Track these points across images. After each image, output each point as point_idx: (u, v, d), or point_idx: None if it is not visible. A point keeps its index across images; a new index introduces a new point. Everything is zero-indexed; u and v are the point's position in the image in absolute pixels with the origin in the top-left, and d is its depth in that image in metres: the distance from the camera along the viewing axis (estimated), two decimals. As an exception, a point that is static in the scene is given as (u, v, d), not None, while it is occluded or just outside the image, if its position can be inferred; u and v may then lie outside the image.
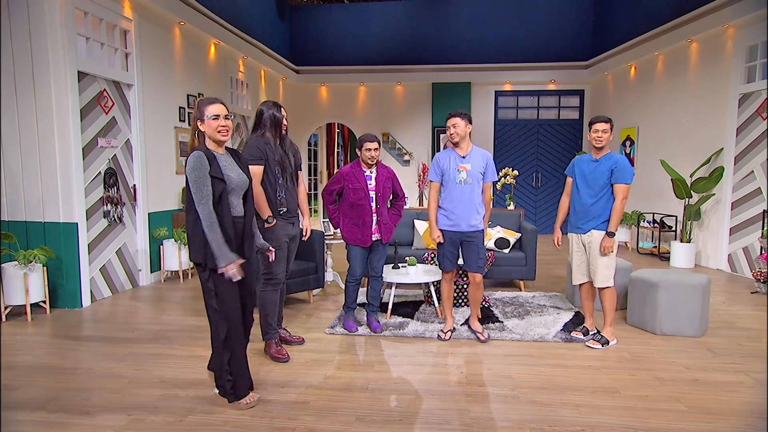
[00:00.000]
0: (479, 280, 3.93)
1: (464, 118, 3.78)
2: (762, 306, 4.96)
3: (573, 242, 3.97)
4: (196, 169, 2.62)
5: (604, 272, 3.76)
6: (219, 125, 2.71)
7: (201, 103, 2.75)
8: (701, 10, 6.52)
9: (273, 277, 3.53)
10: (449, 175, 3.84)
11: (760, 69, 6.05)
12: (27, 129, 4.60)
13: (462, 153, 3.83)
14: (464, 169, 3.81)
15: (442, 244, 3.90)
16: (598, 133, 3.72)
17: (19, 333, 4.09)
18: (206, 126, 2.72)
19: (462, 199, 3.80)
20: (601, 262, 3.76)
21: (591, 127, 3.78)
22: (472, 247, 3.85)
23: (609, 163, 3.73)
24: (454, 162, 3.83)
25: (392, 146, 10.41)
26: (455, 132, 3.77)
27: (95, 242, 5.05)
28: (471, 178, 3.81)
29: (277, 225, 3.46)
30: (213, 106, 2.72)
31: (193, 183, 2.62)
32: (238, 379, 2.85)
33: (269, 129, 3.45)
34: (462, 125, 3.77)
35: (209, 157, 2.67)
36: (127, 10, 5.38)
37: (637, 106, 8.48)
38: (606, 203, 3.75)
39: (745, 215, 6.30)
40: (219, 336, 2.80)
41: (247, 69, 8.49)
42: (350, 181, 3.92)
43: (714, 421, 2.72)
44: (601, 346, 3.78)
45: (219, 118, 2.71)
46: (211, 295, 2.77)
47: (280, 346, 3.60)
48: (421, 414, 2.80)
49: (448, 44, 10.07)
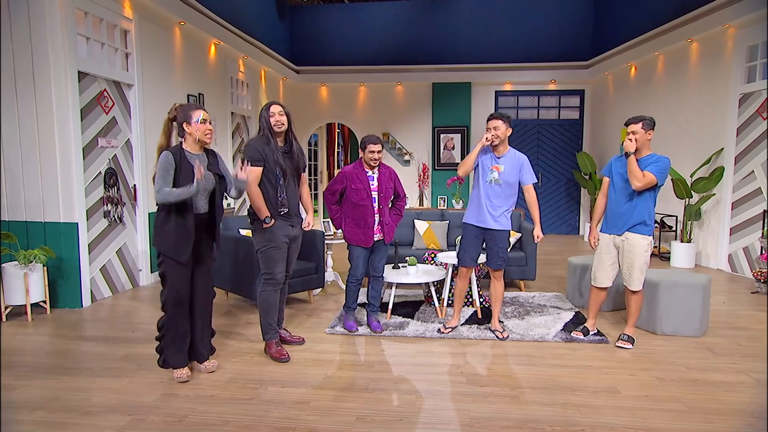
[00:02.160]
0: (499, 276, 4.02)
1: (506, 121, 3.80)
2: (762, 306, 4.96)
3: (603, 243, 3.90)
4: (162, 167, 2.94)
5: (639, 276, 3.73)
6: (206, 129, 3.04)
7: (185, 107, 3.04)
8: (701, 10, 6.52)
9: (272, 277, 3.53)
10: (483, 172, 3.90)
11: (761, 69, 6.05)
12: (27, 129, 4.60)
13: (498, 154, 3.87)
14: (497, 169, 3.85)
15: (465, 239, 3.98)
16: (629, 135, 3.67)
17: (19, 333, 4.10)
18: (194, 129, 3.02)
19: (491, 197, 3.87)
20: (637, 266, 3.71)
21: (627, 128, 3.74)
22: (494, 244, 3.92)
23: (647, 162, 3.65)
24: (489, 161, 3.88)
25: (392, 146, 10.41)
26: (496, 134, 3.78)
27: (95, 242, 5.05)
28: (502, 179, 3.85)
29: (276, 225, 3.45)
30: (199, 111, 3.04)
31: (160, 175, 2.93)
32: (166, 347, 3.17)
33: (267, 130, 3.45)
34: (503, 128, 3.79)
35: (178, 156, 2.97)
36: (127, 10, 5.38)
37: (637, 106, 8.47)
38: (642, 205, 3.68)
39: (746, 215, 6.30)
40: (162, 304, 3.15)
41: (247, 69, 8.49)
42: (353, 181, 3.91)
43: (714, 421, 2.72)
44: (631, 346, 3.79)
45: (206, 122, 3.03)
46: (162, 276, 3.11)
47: (281, 347, 3.60)
48: (421, 414, 2.80)
49: (448, 44, 10.07)
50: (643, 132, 3.64)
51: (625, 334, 3.87)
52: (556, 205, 10.34)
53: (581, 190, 10.19)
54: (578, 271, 4.91)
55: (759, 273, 5.41)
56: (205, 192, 3.10)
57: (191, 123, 3.01)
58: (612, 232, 3.83)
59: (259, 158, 3.38)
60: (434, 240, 5.82)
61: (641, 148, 3.69)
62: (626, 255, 3.76)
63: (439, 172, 10.25)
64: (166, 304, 3.12)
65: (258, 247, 3.53)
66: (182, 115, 3.03)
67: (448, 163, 10.23)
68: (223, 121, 7.69)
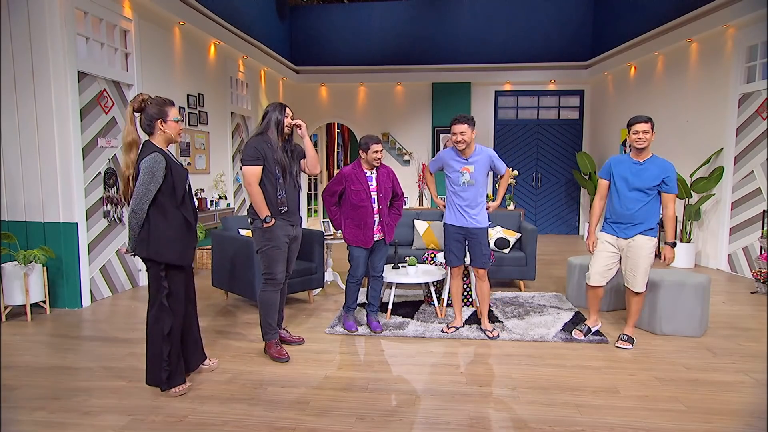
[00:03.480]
0: (482, 275, 4.00)
1: (471, 124, 3.78)
2: (762, 306, 4.96)
3: (604, 242, 3.82)
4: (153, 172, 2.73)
5: (644, 277, 3.70)
6: (180, 128, 2.93)
7: (160, 103, 2.86)
8: (701, 10, 6.52)
9: (273, 277, 3.53)
10: (453, 177, 3.91)
11: (760, 69, 6.05)
12: (27, 129, 4.59)
13: (466, 156, 3.87)
14: (467, 170, 3.84)
15: (448, 241, 4.02)
16: (638, 134, 3.57)
17: (19, 333, 4.09)
18: (169, 127, 2.86)
19: (466, 199, 3.89)
20: (642, 268, 3.67)
21: (630, 128, 3.62)
22: (475, 243, 3.92)
23: (657, 169, 3.59)
24: (458, 164, 3.87)
25: (392, 146, 10.40)
26: (462, 140, 3.77)
27: (95, 242, 5.05)
28: (474, 179, 3.85)
29: (277, 225, 3.45)
30: (175, 109, 2.91)
31: (148, 183, 2.72)
32: (173, 369, 2.97)
33: (272, 130, 3.44)
34: (469, 132, 3.77)
35: (169, 160, 2.81)
36: (127, 10, 5.38)
37: (637, 106, 8.48)
38: (651, 207, 3.63)
39: (745, 215, 6.31)
40: (162, 330, 2.90)
41: (247, 69, 8.49)
42: (352, 182, 3.89)
43: (714, 421, 2.72)
44: (631, 346, 3.77)
45: (179, 121, 2.91)
46: (163, 293, 2.88)
47: (280, 347, 3.60)
48: (421, 414, 2.80)
49: (448, 44, 10.07)
50: (651, 133, 3.58)
51: (625, 334, 3.87)
52: (556, 205, 10.34)
53: (581, 190, 10.19)
54: (578, 271, 4.91)
55: (759, 273, 5.41)
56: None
57: (167, 121, 2.85)
58: (615, 234, 3.77)
59: (259, 157, 3.37)
60: (434, 240, 5.82)
61: (647, 149, 3.64)
62: (631, 257, 3.70)
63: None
64: (172, 334, 2.90)
65: (258, 247, 3.52)
66: (156, 111, 2.83)
67: (448, 163, 10.21)
68: (223, 121, 7.69)
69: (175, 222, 2.85)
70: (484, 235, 3.93)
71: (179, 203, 2.84)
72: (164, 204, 2.80)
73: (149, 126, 2.86)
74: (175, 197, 2.82)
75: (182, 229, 2.88)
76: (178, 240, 2.86)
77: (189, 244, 2.95)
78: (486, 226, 3.94)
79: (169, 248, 2.82)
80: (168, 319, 2.90)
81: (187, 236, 2.92)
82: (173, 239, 2.84)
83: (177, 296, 2.94)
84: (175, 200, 2.83)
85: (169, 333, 2.91)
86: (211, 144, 7.29)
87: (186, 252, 2.93)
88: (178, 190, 2.83)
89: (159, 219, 2.80)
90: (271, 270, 3.52)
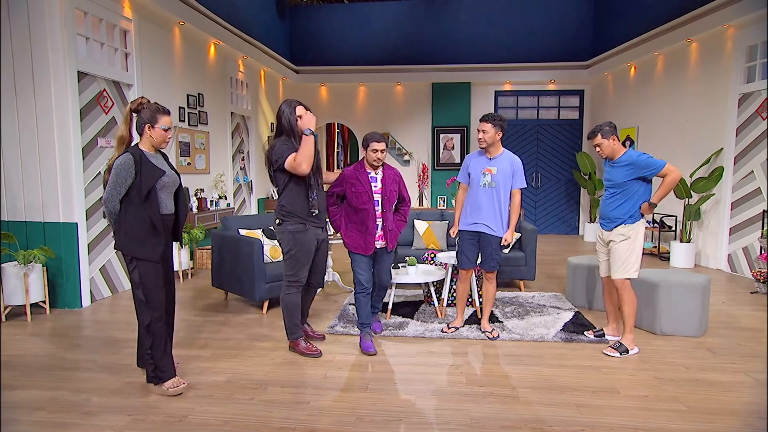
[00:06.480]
0: (491, 277, 4.02)
1: (495, 124, 3.78)
2: (762, 306, 4.96)
3: (598, 237, 3.91)
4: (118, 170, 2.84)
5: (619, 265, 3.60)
6: (168, 137, 3.01)
7: (154, 109, 2.98)
8: (701, 10, 6.53)
9: (297, 279, 3.53)
10: (475, 177, 3.89)
11: (760, 69, 6.06)
12: (27, 129, 4.59)
13: (490, 156, 3.87)
14: (489, 172, 3.84)
15: (462, 243, 4.00)
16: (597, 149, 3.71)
17: (19, 333, 4.09)
18: (155, 133, 2.97)
19: (485, 202, 3.84)
20: (617, 255, 3.61)
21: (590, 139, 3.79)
22: (487, 247, 3.91)
23: (624, 165, 3.61)
24: (481, 164, 3.87)
25: (392, 146, 10.40)
26: (483, 138, 3.79)
27: (95, 242, 5.05)
28: (496, 182, 3.83)
29: (309, 229, 3.46)
30: (167, 118, 3.00)
31: (114, 180, 2.85)
32: (158, 363, 3.02)
33: (288, 132, 3.39)
34: (492, 132, 3.78)
35: (139, 159, 2.90)
36: (127, 10, 5.38)
37: (636, 106, 8.49)
38: (624, 205, 3.62)
39: (745, 215, 6.31)
40: (143, 322, 3.01)
41: (247, 69, 8.49)
42: (353, 184, 3.61)
43: (714, 421, 2.72)
44: (618, 355, 3.61)
45: (168, 130, 3.00)
46: (137, 286, 2.99)
47: (309, 343, 3.64)
48: (421, 414, 2.80)
49: (448, 44, 10.07)
50: (607, 141, 3.65)
51: (619, 342, 3.69)
52: (556, 205, 10.34)
53: (581, 190, 10.19)
54: (578, 271, 4.91)
55: (758, 273, 5.41)
56: (171, 188, 3.05)
57: (155, 127, 2.95)
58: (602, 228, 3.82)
59: (291, 150, 3.32)
60: (434, 240, 5.82)
61: (611, 154, 3.68)
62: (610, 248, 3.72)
63: (438, 172, 10.25)
64: (152, 326, 2.98)
65: (287, 249, 3.48)
66: (148, 116, 2.95)
67: (448, 163, 10.23)
68: (223, 121, 7.69)
69: (141, 218, 2.94)
70: (497, 242, 3.92)
71: (142, 201, 2.92)
72: (133, 201, 2.92)
73: (140, 128, 3.00)
74: (140, 195, 2.92)
75: (147, 226, 2.96)
76: (144, 235, 2.95)
77: (157, 240, 2.99)
78: (500, 236, 3.91)
79: (135, 243, 2.94)
80: (147, 311, 2.99)
81: (153, 233, 2.97)
82: (138, 234, 2.95)
83: (154, 289, 2.99)
84: (140, 198, 2.92)
85: (148, 325, 3.00)
86: (211, 144, 7.29)
87: (154, 248, 2.99)
88: (143, 189, 2.91)
89: (128, 214, 2.95)
90: (297, 273, 3.51)
